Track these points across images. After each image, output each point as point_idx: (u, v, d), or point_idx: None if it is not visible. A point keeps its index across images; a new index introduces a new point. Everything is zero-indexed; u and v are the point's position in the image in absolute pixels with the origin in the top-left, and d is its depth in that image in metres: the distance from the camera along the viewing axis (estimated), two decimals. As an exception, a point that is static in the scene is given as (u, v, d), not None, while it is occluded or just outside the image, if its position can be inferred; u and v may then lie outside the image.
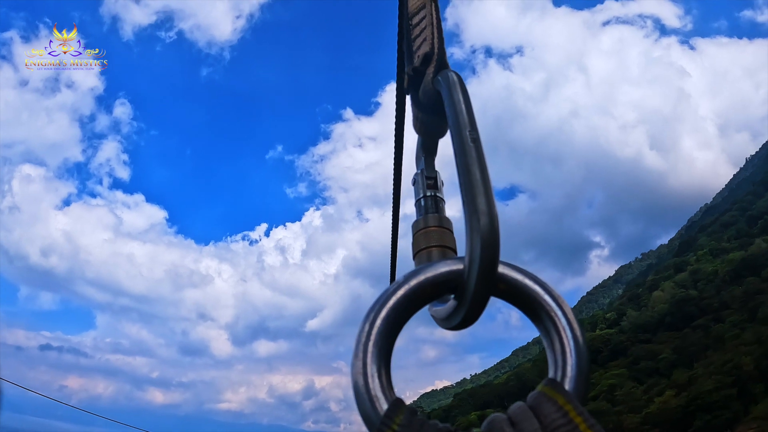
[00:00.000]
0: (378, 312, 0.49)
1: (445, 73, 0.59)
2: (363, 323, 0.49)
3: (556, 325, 0.49)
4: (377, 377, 0.47)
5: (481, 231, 0.47)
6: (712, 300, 60.00)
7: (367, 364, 0.47)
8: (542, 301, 0.50)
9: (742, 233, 79.45)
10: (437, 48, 0.62)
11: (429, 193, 0.68)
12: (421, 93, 0.64)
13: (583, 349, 0.48)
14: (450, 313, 0.53)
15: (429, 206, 0.67)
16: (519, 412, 0.43)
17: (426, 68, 0.63)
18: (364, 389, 0.47)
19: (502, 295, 0.51)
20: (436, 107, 0.62)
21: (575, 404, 0.42)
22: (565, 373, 0.48)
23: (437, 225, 0.65)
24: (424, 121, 0.67)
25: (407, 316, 0.50)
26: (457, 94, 0.55)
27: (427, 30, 0.65)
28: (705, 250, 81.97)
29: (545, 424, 0.41)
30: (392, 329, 0.49)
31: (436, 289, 0.51)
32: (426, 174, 0.69)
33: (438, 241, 0.64)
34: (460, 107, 0.54)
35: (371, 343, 0.48)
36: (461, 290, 0.50)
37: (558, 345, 0.49)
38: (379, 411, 0.45)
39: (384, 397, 0.46)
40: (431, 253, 0.63)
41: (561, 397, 0.42)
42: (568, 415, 0.41)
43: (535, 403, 0.43)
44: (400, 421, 0.42)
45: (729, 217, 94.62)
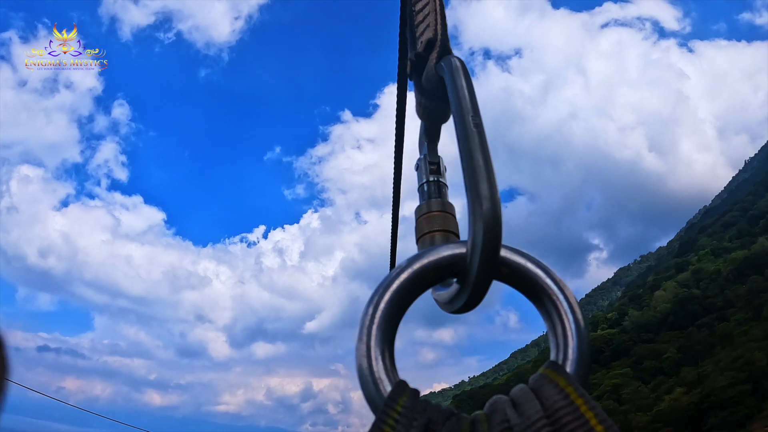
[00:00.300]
0: (381, 296, 0.49)
1: (448, 58, 0.59)
2: (367, 307, 0.50)
3: (557, 308, 0.49)
4: (381, 360, 0.47)
5: (483, 215, 0.47)
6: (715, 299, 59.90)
7: (371, 347, 0.48)
8: (544, 285, 0.50)
9: (743, 233, 79.46)
10: (440, 34, 0.62)
11: (432, 178, 0.68)
12: (424, 79, 0.64)
13: (584, 333, 0.49)
14: (453, 297, 0.53)
15: (432, 191, 0.67)
16: (521, 394, 0.43)
17: (429, 54, 0.62)
18: (368, 372, 0.47)
19: (504, 279, 0.51)
20: (438, 93, 0.62)
21: (576, 386, 0.42)
22: (567, 356, 0.48)
23: (440, 210, 0.65)
24: (427, 106, 0.67)
25: (410, 300, 0.51)
26: (460, 80, 0.55)
27: (430, 16, 0.65)
28: (706, 250, 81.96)
29: (546, 406, 0.41)
30: (396, 313, 0.49)
31: (439, 272, 0.51)
32: (429, 159, 0.69)
33: (441, 225, 0.64)
34: (463, 92, 0.53)
35: (375, 327, 0.48)
36: (464, 274, 0.50)
37: (560, 328, 0.49)
38: (383, 393, 0.46)
39: (387, 380, 0.47)
40: (434, 237, 0.63)
41: (562, 380, 0.43)
42: (569, 396, 0.41)
43: (536, 385, 0.43)
44: (403, 403, 0.43)
45: (729, 217, 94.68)
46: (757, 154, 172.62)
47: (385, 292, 0.50)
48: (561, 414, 0.40)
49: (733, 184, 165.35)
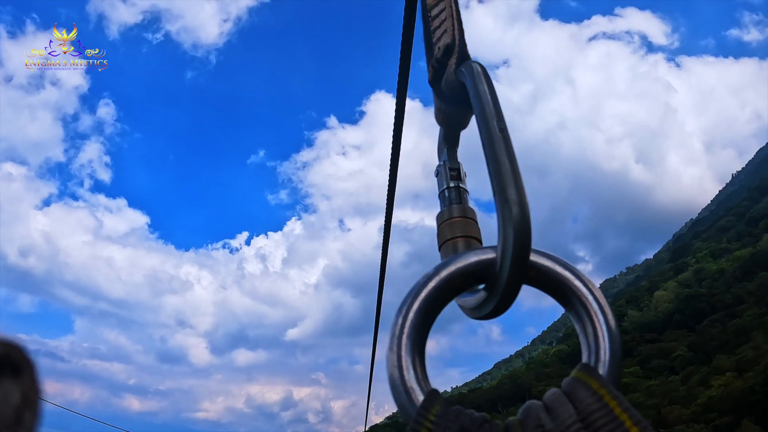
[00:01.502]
0: (410, 305, 0.49)
1: (469, 63, 0.58)
2: (396, 317, 0.49)
3: (588, 309, 0.49)
4: (412, 369, 0.47)
5: (513, 220, 0.46)
6: (723, 296, 57.27)
7: (401, 357, 0.48)
8: (573, 287, 0.50)
9: (744, 234, 77.78)
10: (458, 39, 0.62)
11: (452, 184, 0.67)
12: (444, 84, 0.63)
13: (615, 334, 0.48)
14: (480, 303, 0.53)
15: (453, 197, 0.66)
16: (554, 398, 0.43)
17: (448, 60, 0.62)
18: (400, 381, 0.47)
19: (532, 283, 0.51)
20: (458, 98, 0.61)
21: (609, 388, 0.41)
22: (599, 357, 0.47)
23: (461, 216, 0.64)
24: (446, 112, 0.67)
25: (439, 308, 0.50)
26: (482, 85, 0.54)
27: (447, 21, 0.64)
28: (705, 252, 79.99)
29: (580, 409, 0.41)
30: (425, 321, 0.49)
31: (467, 279, 0.50)
32: (449, 165, 0.69)
33: (462, 231, 0.63)
34: (486, 98, 0.53)
35: (405, 336, 0.48)
36: (493, 279, 0.50)
37: (590, 330, 0.48)
38: (416, 402, 0.45)
39: (419, 389, 0.46)
40: (456, 243, 0.63)
41: (595, 382, 0.42)
42: (603, 399, 0.40)
43: (569, 389, 0.43)
44: (436, 412, 0.43)
45: (725, 222, 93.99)
46: (745, 168, 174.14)
47: (414, 301, 0.49)
48: (595, 417, 0.40)
49: (721, 196, 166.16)
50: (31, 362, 0.33)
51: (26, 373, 0.32)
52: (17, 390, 0.31)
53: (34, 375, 0.33)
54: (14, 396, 0.31)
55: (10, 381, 0.31)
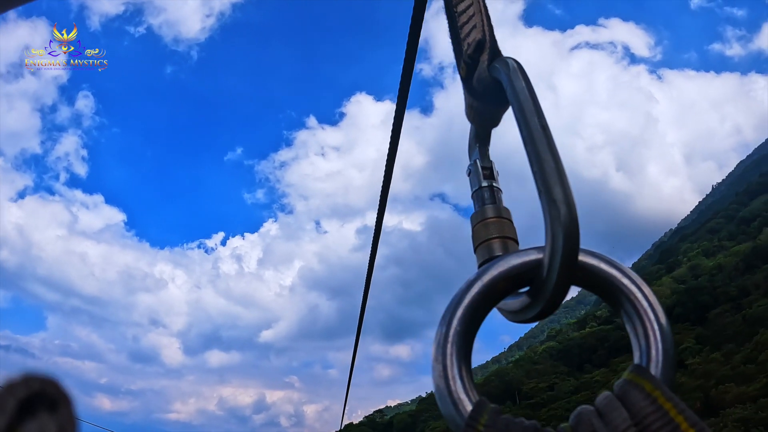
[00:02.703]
0: (454, 312, 0.48)
1: (504, 59, 0.57)
2: (440, 325, 0.48)
3: (637, 308, 0.47)
4: (459, 379, 0.46)
5: (561, 221, 0.45)
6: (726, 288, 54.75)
7: (447, 367, 0.46)
8: (621, 286, 0.48)
9: (738, 232, 76.31)
10: (489, 34, 0.60)
11: (485, 184, 0.65)
12: (476, 81, 0.62)
13: (667, 332, 0.47)
14: (525, 306, 0.51)
15: (487, 197, 0.64)
16: (606, 402, 0.41)
17: (480, 56, 0.60)
18: (447, 392, 0.46)
19: (580, 283, 0.49)
20: (491, 95, 0.60)
21: (664, 389, 0.40)
22: (650, 357, 0.46)
23: (496, 216, 0.63)
24: (478, 109, 0.65)
25: (483, 314, 0.49)
26: (520, 82, 0.53)
27: (476, 17, 0.62)
28: (697, 251, 78.18)
29: (634, 413, 0.39)
30: (469, 329, 0.48)
31: (511, 283, 0.49)
32: (481, 164, 0.67)
33: (498, 232, 0.62)
34: (525, 95, 0.52)
35: (449, 345, 0.47)
36: (539, 282, 0.49)
37: (641, 329, 0.47)
38: (464, 413, 0.44)
39: (467, 399, 0.45)
40: (492, 245, 0.61)
41: (648, 383, 0.41)
42: (657, 401, 0.39)
43: (621, 392, 0.41)
44: (485, 422, 0.41)
45: (714, 224, 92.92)
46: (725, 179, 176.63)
47: (457, 308, 0.48)
48: (650, 420, 0.39)
49: (701, 206, 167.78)
50: (68, 397, 0.34)
51: (62, 407, 0.33)
52: (54, 424, 0.32)
53: (70, 410, 0.33)
54: (51, 430, 0.32)
55: (47, 415, 0.32)
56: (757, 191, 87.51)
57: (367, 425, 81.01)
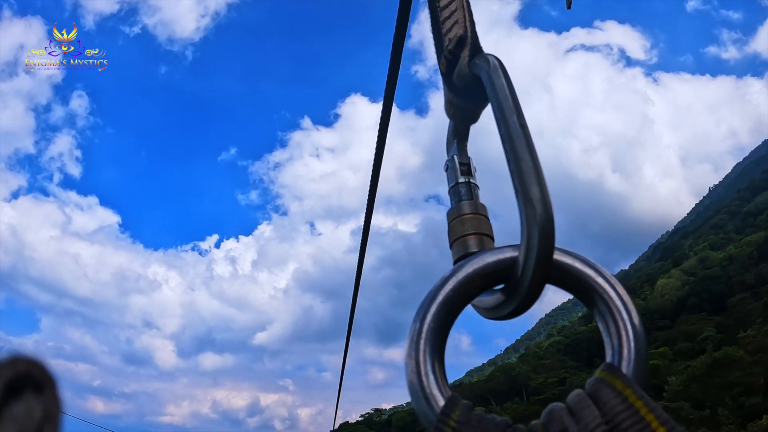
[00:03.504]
0: (428, 309, 0.48)
1: (485, 56, 0.56)
2: (414, 321, 0.48)
3: (610, 308, 0.48)
4: (432, 375, 0.46)
5: (537, 220, 0.45)
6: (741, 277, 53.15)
7: (420, 363, 0.46)
8: (595, 285, 0.48)
9: (745, 225, 75.07)
10: (470, 30, 0.60)
11: (463, 180, 0.65)
12: (456, 77, 0.62)
13: (640, 331, 0.47)
14: (499, 303, 0.52)
15: (463, 193, 0.65)
16: (578, 400, 0.42)
17: (461, 51, 0.60)
18: (419, 388, 0.46)
19: (555, 282, 0.49)
20: (471, 91, 0.60)
21: (635, 388, 0.40)
22: (622, 356, 0.46)
23: (473, 212, 0.63)
24: (458, 105, 0.65)
25: (458, 311, 0.49)
26: (500, 79, 0.53)
27: (458, 12, 0.62)
28: (703, 245, 76.72)
29: (605, 411, 0.40)
30: (443, 325, 0.48)
31: (486, 280, 0.49)
32: (459, 160, 0.67)
33: (474, 228, 0.62)
34: (505, 93, 0.51)
35: (422, 341, 0.47)
36: (514, 280, 0.49)
37: (614, 328, 0.47)
38: (436, 408, 0.44)
39: (440, 394, 0.45)
40: (468, 241, 0.61)
41: (619, 382, 0.41)
42: (628, 399, 0.40)
43: (593, 390, 0.42)
44: (457, 417, 0.42)
45: (717, 220, 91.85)
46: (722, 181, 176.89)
47: (431, 304, 0.48)
48: (621, 418, 0.39)
49: (699, 207, 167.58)
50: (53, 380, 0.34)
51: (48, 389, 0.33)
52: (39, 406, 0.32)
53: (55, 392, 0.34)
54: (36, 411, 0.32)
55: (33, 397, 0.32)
56: (759, 188, 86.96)
57: (364, 424, 78.16)
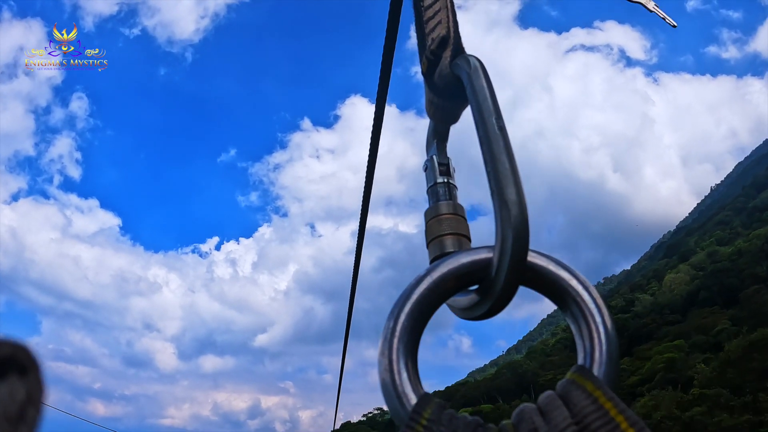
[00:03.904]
0: (402, 307, 0.48)
1: (466, 57, 0.56)
2: (388, 320, 0.48)
3: (583, 311, 0.48)
4: (404, 373, 0.46)
5: (512, 222, 0.46)
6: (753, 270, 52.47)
7: (393, 361, 0.46)
8: (569, 288, 0.49)
9: (751, 221, 74.39)
10: (453, 31, 0.60)
11: (441, 180, 0.65)
12: (437, 77, 0.62)
13: (612, 334, 0.47)
14: (474, 304, 0.52)
15: (442, 193, 0.65)
16: (548, 401, 0.42)
17: (442, 52, 0.60)
18: (392, 386, 0.46)
19: (528, 284, 0.50)
20: (452, 92, 0.60)
21: (605, 390, 0.41)
22: (594, 359, 0.47)
23: (451, 212, 0.63)
24: (438, 105, 0.65)
25: (431, 311, 0.49)
26: (480, 81, 0.53)
27: (441, 12, 0.62)
28: (711, 240, 76.04)
29: (575, 412, 0.40)
30: (417, 324, 0.48)
31: (460, 280, 0.49)
32: (438, 160, 0.67)
33: (452, 228, 0.62)
34: (484, 94, 0.51)
35: (396, 339, 0.47)
36: (488, 281, 0.49)
37: (586, 331, 0.48)
38: (407, 407, 0.45)
39: (412, 393, 0.45)
40: (444, 241, 0.61)
41: (590, 384, 0.41)
42: (598, 401, 0.40)
43: (563, 391, 0.42)
44: (428, 416, 0.42)
45: (723, 216, 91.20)
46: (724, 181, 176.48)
47: (405, 303, 0.48)
48: (590, 419, 0.39)
49: (701, 206, 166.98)
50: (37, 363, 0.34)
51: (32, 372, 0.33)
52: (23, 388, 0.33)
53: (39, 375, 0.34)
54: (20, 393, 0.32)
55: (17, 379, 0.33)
56: (764, 184, 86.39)
57: (366, 424, 77.05)
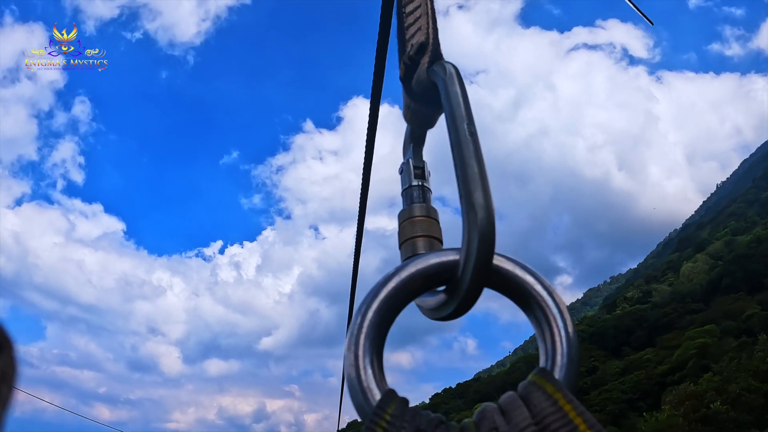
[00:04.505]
0: (369, 304, 0.49)
1: (442, 63, 0.58)
2: (355, 316, 0.49)
3: (547, 315, 0.49)
4: (369, 369, 0.47)
5: (478, 225, 0.47)
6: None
7: (359, 357, 0.47)
8: (534, 292, 0.50)
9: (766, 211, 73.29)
10: (432, 38, 0.61)
11: (416, 183, 0.67)
12: (415, 82, 0.63)
13: (573, 339, 0.48)
14: (441, 304, 0.53)
15: (416, 196, 0.66)
16: (509, 401, 0.43)
17: (421, 58, 0.61)
18: (357, 381, 0.47)
19: (494, 287, 0.50)
20: (428, 97, 0.61)
21: (565, 392, 0.42)
22: (555, 362, 0.48)
23: (424, 215, 0.64)
24: (415, 110, 0.66)
25: (399, 308, 0.50)
26: (454, 87, 0.54)
27: (422, 19, 0.63)
28: (726, 230, 75.00)
29: (535, 413, 0.41)
30: (384, 321, 0.49)
31: (428, 281, 0.50)
32: (414, 163, 0.68)
33: (424, 231, 0.63)
34: (458, 100, 0.53)
35: (363, 336, 0.48)
36: (455, 282, 0.50)
37: (548, 334, 0.49)
38: (372, 402, 0.45)
39: (377, 389, 0.46)
40: (416, 243, 0.62)
41: (550, 386, 0.42)
42: (558, 403, 0.41)
43: (525, 393, 0.43)
44: (392, 411, 0.42)
45: (735, 208, 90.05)
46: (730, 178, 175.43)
47: (373, 300, 0.49)
48: (550, 420, 0.40)
49: (709, 202, 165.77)
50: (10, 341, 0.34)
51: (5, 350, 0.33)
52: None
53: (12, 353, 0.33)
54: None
55: None
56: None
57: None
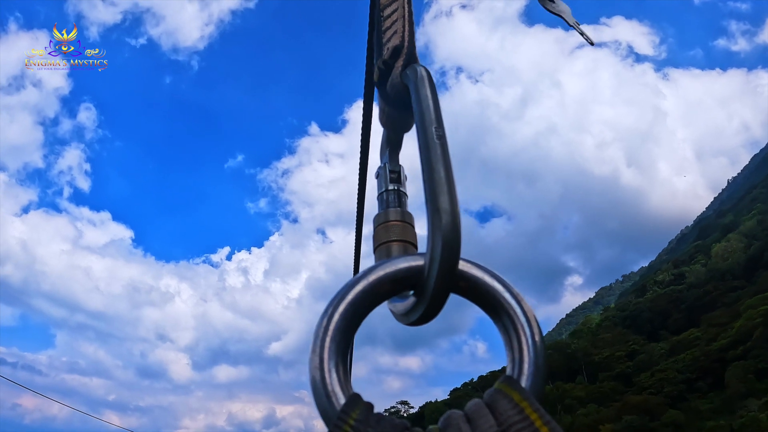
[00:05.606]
0: (336, 307, 0.48)
1: (414, 66, 0.57)
2: (321, 318, 0.49)
3: (515, 323, 0.49)
4: (334, 372, 0.46)
5: (443, 230, 0.46)
6: None
7: (324, 360, 0.47)
8: (502, 300, 0.50)
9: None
10: (407, 41, 0.61)
11: (392, 187, 0.67)
12: (389, 86, 0.63)
13: (540, 347, 0.48)
14: (409, 309, 0.53)
15: (391, 200, 0.66)
16: (475, 409, 0.43)
17: (395, 61, 0.61)
18: (321, 384, 0.46)
19: (461, 293, 0.50)
20: (403, 101, 0.61)
21: (531, 401, 0.42)
22: (522, 370, 0.48)
23: (399, 219, 0.64)
24: (390, 114, 0.66)
25: (366, 312, 0.50)
26: (425, 90, 0.54)
27: (398, 23, 0.63)
28: (754, 212, 73.40)
29: (501, 421, 0.41)
30: (350, 325, 0.48)
31: (396, 285, 0.50)
32: (390, 168, 0.68)
33: (399, 235, 0.63)
34: (427, 103, 0.53)
35: (329, 339, 0.47)
36: (421, 287, 0.50)
37: (515, 342, 0.49)
38: (336, 406, 0.45)
39: (341, 392, 0.46)
40: (390, 247, 0.62)
41: (517, 394, 0.42)
42: (524, 411, 0.41)
43: (491, 400, 0.43)
44: (356, 416, 0.42)
45: (757, 193, 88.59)
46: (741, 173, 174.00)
47: (340, 303, 0.49)
48: (515, 428, 0.40)
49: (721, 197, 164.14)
50: None
51: None
52: None
53: None
54: None
55: None
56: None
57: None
